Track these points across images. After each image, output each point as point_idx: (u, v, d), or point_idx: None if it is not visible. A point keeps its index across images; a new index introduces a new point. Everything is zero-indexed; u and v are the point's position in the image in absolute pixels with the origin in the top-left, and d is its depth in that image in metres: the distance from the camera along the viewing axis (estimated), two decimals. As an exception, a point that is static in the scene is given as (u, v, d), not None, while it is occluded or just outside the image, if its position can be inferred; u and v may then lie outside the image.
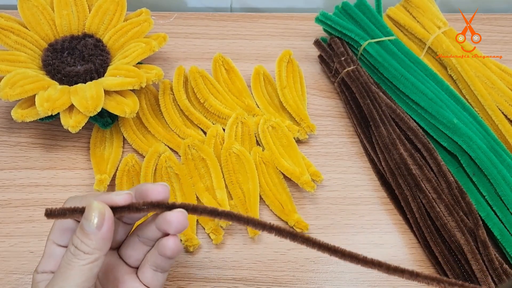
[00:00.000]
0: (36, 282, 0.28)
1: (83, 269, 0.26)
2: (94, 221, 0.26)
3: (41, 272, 0.28)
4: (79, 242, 0.26)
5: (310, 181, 0.40)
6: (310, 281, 0.37)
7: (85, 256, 0.26)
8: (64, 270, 0.26)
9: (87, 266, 0.26)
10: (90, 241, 0.26)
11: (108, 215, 0.27)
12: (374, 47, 0.46)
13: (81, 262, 0.26)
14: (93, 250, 0.26)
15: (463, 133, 0.40)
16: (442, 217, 0.37)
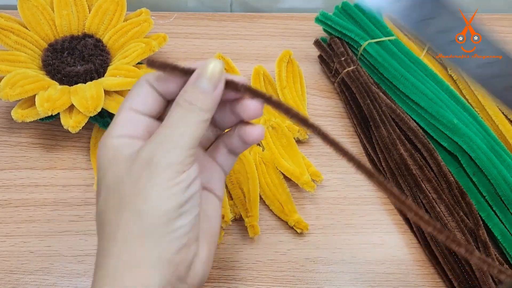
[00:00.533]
0: (114, 146, 0.26)
1: (199, 125, 0.25)
2: (211, 81, 0.26)
3: (117, 136, 0.26)
4: (195, 98, 0.25)
5: (310, 181, 0.40)
6: (310, 281, 0.37)
7: (200, 112, 0.25)
8: (179, 125, 0.25)
9: (202, 123, 0.25)
10: (205, 99, 0.25)
11: (223, 78, 0.26)
12: (374, 47, 0.46)
13: (197, 117, 0.25)
14: (207, 108, 0.26)
15: (463, 133, 0.40)
16: (443, 217, 0.37)
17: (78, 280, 0.36)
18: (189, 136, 0.25)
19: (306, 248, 0.39)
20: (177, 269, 0.25)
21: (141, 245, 0.24)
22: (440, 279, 0.37)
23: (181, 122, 0.25)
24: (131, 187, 0.25)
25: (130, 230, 0.24)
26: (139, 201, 0.24)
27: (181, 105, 0.26)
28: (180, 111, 0.26)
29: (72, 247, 0.38)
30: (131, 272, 0.24)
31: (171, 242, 0.24)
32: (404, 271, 0.38)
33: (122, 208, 0.25)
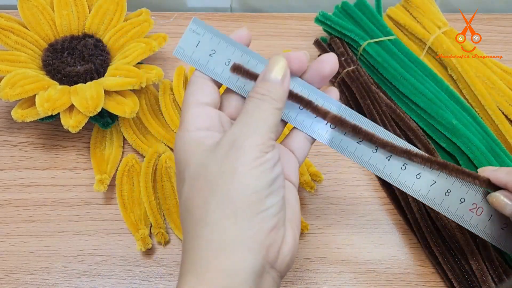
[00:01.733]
0: (193, 138, 0.27)
1: (274, 112, 0.27)
2: (280, 73, 0.28)
3: (194, 130, 0.27)
4: (266, 89, 0.27)
5: (310, 181, 0.40)
6: (310, 281, 0.37)
7: (272, 101, 0.27)
8: (255, 113, 0.26)
9: (275, 111, 0.27)
10: (274, 89, 0.27)
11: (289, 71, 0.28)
12: (373, 47, 0.46)
13: (270, 105, 0.27)
14: (278, 98, 0.27)
15: (462, 134, 0.40)
16: (443, 217, 0.37)
17: (78, 280, 0.36)
18: (265, 122, 0.26)
19: (306, 248, 0.39)
20: (268, 252, 0.25)
21: (233, 225, 0.24)
22: (440, 279, 0.37)
23: (257, 110, 0.27)
24: (218, 169, 0.25)
25: (221, 211, 0.24)
26: (228, 181, 0.25)
27: (254, 97, 0.27)
28: (254, 101, 0.27)
29: (72, 247, 0.38)
30: (224, 254, 0.24)
31: (263, 222, 0.25)
32: (404, 271, 0.38)
33: (211, 190, 0.25)
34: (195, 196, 0.26)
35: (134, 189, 0.40)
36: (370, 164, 0.30)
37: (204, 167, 0.26)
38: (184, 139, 0.27)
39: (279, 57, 0.28)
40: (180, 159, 0.27)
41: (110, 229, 0.39)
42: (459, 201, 0.31)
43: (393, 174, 0.30)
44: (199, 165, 0.26)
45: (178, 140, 0.28)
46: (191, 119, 0.28)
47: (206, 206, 0.25)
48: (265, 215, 0.25)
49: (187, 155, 0.27)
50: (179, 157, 0.27)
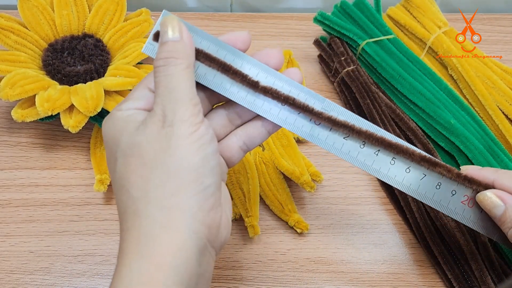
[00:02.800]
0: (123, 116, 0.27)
1: (183, 73, 0.26)
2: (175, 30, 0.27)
3: (127, 109, 0.27)
4: (166, 53, 0.26)
5: (310, 181, 0.40)
6: (310, 281, 0.37)
7: (178, 61, 0.26)
8: (169, 83, 0.26)
9: (185, 70, 0.26)
10: (176, 48, 0.26)
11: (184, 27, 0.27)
12: (372, 46, 0.46)
13: (178, 67, 0.26)
14: (182, 55, 0.26)
15: (460, 134, 0.40)
16: (442, 217, 0.37)
17: (78, 280, 0.36)
18: (181, 89, 0.25)
19: (306, 248, 0.39)
20: (209, 231, 0.25)
21: (177, 203, 0.24)
22: (439, 279, 0.37)
23: (167, 79, 0.26)
24: (154, 147, 0.25)
25: (164, 188, 0.24)
26: (167, 159, 0.24)
27: (159, 66, 0.26)
28: (160, 70, 0.26)
29: (72, 247, 0.38)
30: (169, 232, 0.24)
31: (204, 200, 0.25)
32: (404, 271, 0.38)
33: (150, 168, 0.25)
34: (131, 174, 0.25)
35: (134, 189, 0.40)
36: (358, 160, 0.30)
37: (137, 145, 0.25)
38: (114, 116, 0.27)
39: (167, 17, 0.27)
40: (107, 137, 0.27)
41: (110, 229, 0.39)
42: (451, 193, 0.30)
43: (382, 169, 0.30)
44: (131, 144, 0.25)
45: (108, 118, 0.27)
46: (129, 99, 0.27)
47: (146, 183, 0.25)
48: (205, 193, 0.25)
49: (116, 132, 0.26)
50: (107, 134, 0.27)
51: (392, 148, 0.29)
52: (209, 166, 0.25)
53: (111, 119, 0.27)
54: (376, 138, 0.29)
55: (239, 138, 0.30)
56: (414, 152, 0.29)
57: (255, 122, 0.30)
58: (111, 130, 0.27)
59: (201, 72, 0.28)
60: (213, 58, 0.28)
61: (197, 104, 0.26)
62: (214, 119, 0.30)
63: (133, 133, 0.26)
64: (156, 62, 0.26)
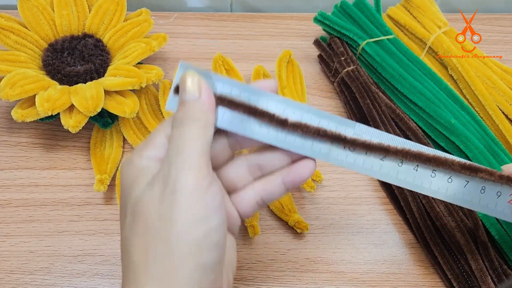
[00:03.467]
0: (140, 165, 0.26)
1: (196, 132, 0.25)
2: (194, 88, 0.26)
3: (146, 157, 0.26)
4: (184, 112, 0.25)
5: (310, 181, 0.40)
6: (310, 281, 0.37)
7: (193, 121, 0.25)
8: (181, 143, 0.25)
9: (199, 130, 0.25)
10: (193, 108, 0.25)
11: (204, 83, 0.26)
12: (372, 46, 0.46)
13: (192, 127, 0.25)
14: (199, 115, 0.25)
15: (461, 133, 0.40)
16: (442, 217, 0.37)
17: (78, 280, 0.36)
18: (193, 150, 0.24)
19: (306, 248, 0.39)
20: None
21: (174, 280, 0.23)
22: (439, 279, 0.37)
23: (180, 139, 0.25)
24: (156, 212, 0.24)
25: (162, 264, 0.23)
26: (167, 229, 0.23)
27: (176, 125, 0.26)
28: (175, 129, 0.25)
29: (72, 247, 0.38)
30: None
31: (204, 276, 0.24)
32: (404, 271, 0.38)
33: (151, 237, 0.24)
34: (134, 237, 0.25)
35: (134, 189, 0.40)
36: (399, 179, 0.29)
37: (144, 205, 0.24)
38: (131, 163, 0.26)
39: (187, 72, 0.26)
40: (123, 184, 0.26)
41: (110, 229, 0.39)
42: (496, 195, 0.30)
43: (425, 183, 0.29)
44: (139, 202, 0.25)
45: (126, 162, 0.26)
46: (148, 145, 0.26)
47: (147, 253, 0.24)
48: (205, 269, 0.24)
49: (129, 181, 0.26)
50: (123, 180, 0.26)
51: (431, 161, 0.29)
52: (213, 241, 0.24)
53: (130, 164, 0.26)
54: (413, 154, 0.28)
55: (256, 193, 0.29)
56: (453, 162, 0.29)
57: (276, 179, 0.29)
58: (127, 177, 0.26)
59: (227, 119, 0.27)
60: (238, 102, 0.27)
61: (205, 165, 0.25)
62: (233, 168, 0.29)
63: (143, 189, 0.25)
64: (173, 121, 0.26)
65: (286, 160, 0.29)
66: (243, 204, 0.28)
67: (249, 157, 0.29)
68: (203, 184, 0.24)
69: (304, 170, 0.28)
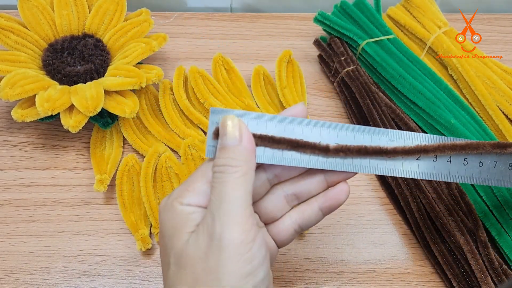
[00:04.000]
0: (183, 212, 0.25)
1: (238, 181, 0.24)
2: (234, 133, 0.25)
3: (187, 204, 0.26)
4: (224, 159, 0.25)
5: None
6: (310, 281, 0.37)
7: (234, 169, 0.25)
8: (224, 193, 0.24)
9: (241, 178, 0.25)
10: (235, 154, 0.25)
11: (245, 126, 0.26)
12: (372, 46, 0.46)
13: (233, 175, 0.24)
14: (240, 162, 0.25)
15: (461, 133, 0.40)
16: (442, 217, 0.37)
17: (78, 280, 0.36)
18: (237, 199, 0.24)
19: (306, 248, 0.39)
20: None
21: None
22: (439, 279, 0.37)
23: (223, 188, 0.25)
24: (203, 265, 0.24)
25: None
26: (214, 282, 0.24)
27: (216, 171, 0.25)
28: (217, 178, 0.25)
29: (72, 247, 0.38)
30: None
31: None
32: (404, 271, 0.38)
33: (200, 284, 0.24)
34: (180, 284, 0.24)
35: (134, 189, 0.40)
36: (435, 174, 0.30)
37: (190, 257, 0.24)
38: (174, 210, 0.26)
39: (227, 116, 0.26)
40: (164, 230, 0.26)
41: (110, 229, 0.39)
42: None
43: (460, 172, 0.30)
44: (185, 253, 0.25)
45: (168, 209, 0.26)
46: (189, 192, 0.26)
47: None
48: None
49: (173, 230, 0.26)
50: (164, 226, 0.26)
51: (464, 149, 0.29)
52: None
53: (171, 211, 0.26)
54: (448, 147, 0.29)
55: (294, 221, 0.29)
56: (484, 144, 0.30)
57: (312, 205, 0.29)
58: (168, 224, 0.26)
59: (268, 155, 0.27)
60: (279, 139, 0.27)
61: (249, 217, 0.24)
62: (271, 201, 0.29)
63: (187, 240, 0.25)
64: (214, 168, 0.26)
65: (322, 186, 0.29)
66: (280, 234, 0.29)
67: (285, 187, 0.29)
68: (248, 238, 0.24)
69: (341, 194, 0.29)
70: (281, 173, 0.28)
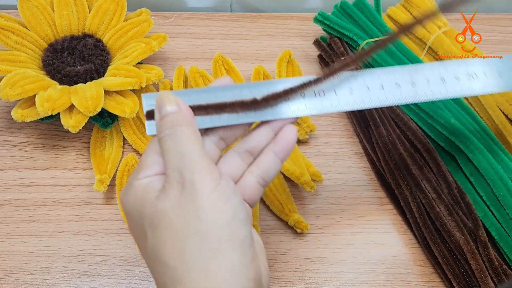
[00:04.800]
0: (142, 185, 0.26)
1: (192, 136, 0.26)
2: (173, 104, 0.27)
3: (144, 177, 0.26)
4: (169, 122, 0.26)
5: (310, 181, 0.40)
6: (310, 281, 0.37)
7: (183, 127, 0.26)
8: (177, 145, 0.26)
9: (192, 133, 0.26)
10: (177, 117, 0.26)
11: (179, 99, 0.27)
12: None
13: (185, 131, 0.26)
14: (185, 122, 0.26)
15: (461, 133, 0.40)
16: (442, 217, 0.37)
17: (78, 280, 0.36)
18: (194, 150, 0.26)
19: (306, 248, 0.39)
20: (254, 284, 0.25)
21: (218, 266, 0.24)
22: (439, 279, 0.37)
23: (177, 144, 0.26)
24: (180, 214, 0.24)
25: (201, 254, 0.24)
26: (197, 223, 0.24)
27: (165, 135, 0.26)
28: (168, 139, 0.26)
29: (72, 247, 0.38)
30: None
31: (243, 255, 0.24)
32: (404, 271, 0.38)
33: (183, 236, 0.24)
34: (164, 246, 0.25)
35: (134, 189, 0.40)
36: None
37: (163, 214, 0.25)
38: (132, 187, 0.26)
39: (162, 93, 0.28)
40: (131, 209, 0.26)
41: (110, 229, 0.39)
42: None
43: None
44: (157, 214, 0.25)
45: (126, 189, 0.27)
46: (143, 167, 0.27)
47: (182, 253, 0.24)
48: (243, 247, 0.25)
49: (138, 204, 0.26)
50: (128, 206, 0.27)
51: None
52: (240, 218, 0.25)
53: (130, 190, 0.27)
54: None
55: (255, 175, 0.29)
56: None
57: (267, 154, 0.29)
58: (132, 202, 0.26)
59: (206, 119, 0.28)
60: (209, 105, 0.28)
61: (211, 162, 0.26)
62: (227, 163, 0.29)
63: (155, 202, 0.25)
64: (161, 133, 0.26)
65: (270, 134, 0.29)
66: (247, 191, 0.29)
67: (236, 148, 0.29)
68: (216, 176, 0.25)
69: (289, 133, 0.29)
70: (225, 134, 0.29)
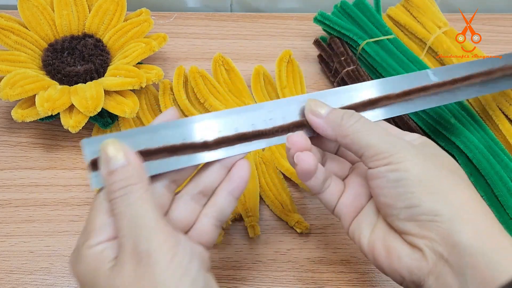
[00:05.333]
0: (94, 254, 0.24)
1: (144, 197, 0.24)
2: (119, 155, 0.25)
3: (95, 244, 0.25)
4: (118, 182, 0.24)
5: (310, 181, 0.40)
6: (310, 281, 0.37)
7: (135, 187, 0.24)
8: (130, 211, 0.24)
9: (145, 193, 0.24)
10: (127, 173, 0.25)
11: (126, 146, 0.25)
12: (372, 46, 0.46)
13: (136, 194, 0.24)
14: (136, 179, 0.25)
15: (461, 133, 0.40)
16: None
17: (78, 280, 0.36)
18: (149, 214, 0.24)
19: (306, 248, 0.39)
20: None
21: None
22: (440, 279, 0.37)
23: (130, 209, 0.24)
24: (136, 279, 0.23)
25: None
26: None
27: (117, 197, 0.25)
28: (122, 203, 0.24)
29: (72, 247, 0.38)
30: None
31: None
32: (404, 271, 0.38)
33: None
34: None
35: (134, 189, 0.40)
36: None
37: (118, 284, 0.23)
38: (84, 256, 0.25)
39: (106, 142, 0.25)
40: (83, 280, 0.25)
41: (110, 229, 0.39)
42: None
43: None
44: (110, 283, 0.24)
45: (77, 258, 0.25)
46: (93, 232, 0.25)
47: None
48: None
49: (90, 275, 0.24)
50: (81, 276, 0.25)
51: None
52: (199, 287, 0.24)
53: (81, 258, 0.25)
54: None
55: (210, 217, 0.28)
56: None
57: (221, 194, 0.28)
58: (83, 271, 0.25)
59: (154, 166, 0.27)
60: (159, 149, 0.27)
61: (166, 225, 0.25)
62: (180, 209, 0.28)
63: (110, 275, 0.24)
64: (112, 194, 0.25)
65: (223, 172, 0.28)
66: (203, 236, 0.28)
67: (189, 190, 0.28)
68: (172, 244, 0.24)
69: (242, 171, 0.28)
70: (175, 176, 0.28)
